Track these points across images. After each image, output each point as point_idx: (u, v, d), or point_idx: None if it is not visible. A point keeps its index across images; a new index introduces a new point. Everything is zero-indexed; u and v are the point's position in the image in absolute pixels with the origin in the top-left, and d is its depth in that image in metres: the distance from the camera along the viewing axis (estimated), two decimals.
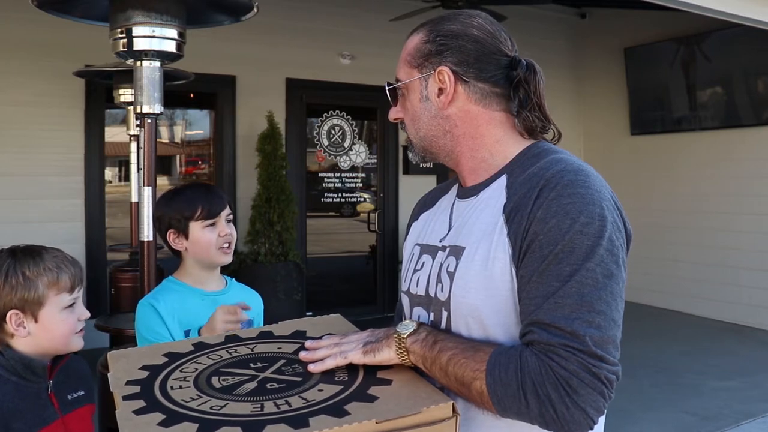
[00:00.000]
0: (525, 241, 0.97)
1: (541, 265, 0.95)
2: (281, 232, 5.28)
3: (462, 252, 1.06)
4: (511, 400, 0.92)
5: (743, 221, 6.07)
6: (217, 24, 2.29)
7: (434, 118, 1.13)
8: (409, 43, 1.16)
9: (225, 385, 1.00)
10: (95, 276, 5.01)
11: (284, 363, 1.06)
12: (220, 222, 1.75)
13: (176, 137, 6.53)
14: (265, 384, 1.00)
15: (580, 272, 0.92)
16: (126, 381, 1.03)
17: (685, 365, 4.92)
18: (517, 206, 1.01)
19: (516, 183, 1.05)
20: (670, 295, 6.65)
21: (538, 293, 0.94)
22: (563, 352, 0.90)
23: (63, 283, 1.37)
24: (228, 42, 5.28)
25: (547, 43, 7.37)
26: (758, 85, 5.94)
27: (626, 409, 3.99)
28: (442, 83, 1.10)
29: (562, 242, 0.94)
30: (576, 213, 0.95)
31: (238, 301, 1.73)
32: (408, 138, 1.19)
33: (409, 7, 5.40)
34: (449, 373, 0.97)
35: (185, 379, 1.03)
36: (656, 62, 6.67)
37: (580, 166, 1.03)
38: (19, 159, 4.79)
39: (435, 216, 1.23)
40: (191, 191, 1.81)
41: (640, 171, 6.96)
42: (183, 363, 1.09)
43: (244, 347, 1.14)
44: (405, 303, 1.21)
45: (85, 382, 1.49)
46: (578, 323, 0.91)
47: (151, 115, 2.00)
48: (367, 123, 6.65)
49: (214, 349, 1.14)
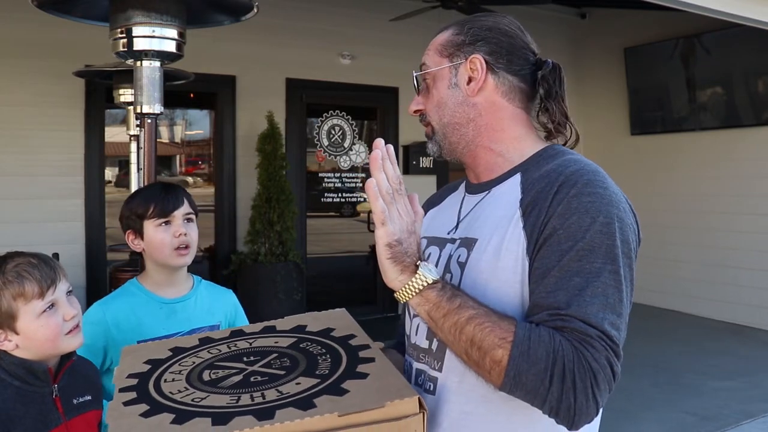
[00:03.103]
0: (542, 234, 0.99)
1: (562, 259, 0.96)
2: (281, 232, 5.28)
3: (474, 243, 1.08)
4: (533, 378, 0.91)
5: (743, 221, 6.07)
6: (217, 24, 2.29)
7: (460, 105, 1.15)
8: (440, 37, 1.19)
9: (213, 378, 1.03)
10: (95, 276, 5.02)
11: (275, 357, 1.07)
12: (175, 221, 1.66)
13: (176, 137, 6.53)
14: (250, 377, 1.02)
15: (604, 274, 0.95)
16: (128, 374, 1.06)
17: (685, 365, 4.92)
18: (535, 200, 1.02)
19: (531, 179, 1.07)
20: (670, 295, 6.65)
21: (560, 287, 0.95)
22: (599, 345, 0.92)
23: (29, 291, 1.30)
24: (228, 42, 5.28)
25: (547, 43, 7.34)
26: (758, 85, 5.94)
27: (626, 409, 3.99)
28: (473, 71, 1.13)
29: (582, 240, 0.96)
30: (596, 212, 0.97)
31: (201, 307, 1.69)
32: (429, 129, 1.19)
33: (409, 7, 5.40)
34: (465, 331, 0.95)
35: (180, 372, 1.06)
36: (656, 62, 6.67)
37: (597, 168, 1.05)
38: (19, 159, 4.79)
39: (442, 211, 1.26)
40: (148, 190, 1.74)
41: (640, 171, 6.96)
42: (184, 357, 1.11)
43: (244, 341, 1.15)
44: None
45: (92, 386, 1.45)
46: (606, 323, 0.93)
47: (151, 115, 2.00)
48: (367, 123, 6.65)
49: (216, 343, 1.16)
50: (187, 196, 1.72)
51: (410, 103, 1.22)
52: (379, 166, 0.97)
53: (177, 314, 1.68)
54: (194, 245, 1.70)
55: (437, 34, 1.20)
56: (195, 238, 1.70)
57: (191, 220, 1.70)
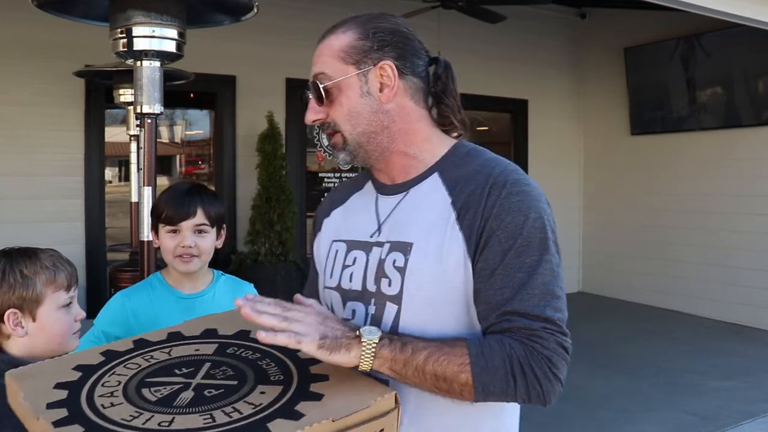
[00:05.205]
0: (482, 236, 1.06)
1: (504, 258, 1.04)
2: (281, 232, 5.28)
3: (410, 247, 1.10)
4: (499, 384, 1.00)
5: (743, 221, 6.07)
6: (217, 24, 2.29)
7: (375, 114, 1.14)
8: (336, 41, 1.15)
9: (160, 397, 0.95)
10: (95, 276, 5.02)
11: (211, 366, 1.03)
12: (183, 232, 1.66)
13: (176, 137, 6.54)
14: (202, 391, 0.96)
15: (542, 265, 1.05)
16: (47, 404, 0.94)
17: (685, 365, 4.92)
18: (468, 203, 1.08)
19: (455, 180, 1.12)
20: (670, 295, 6.65)
21: (506, 284, 1.04)
22: (544, 334, 1.02)
23: (60, 281, 1.37)
24: (228, 42, 5.28)
25: (547, 43, 7.37)
26: (758, 85, 5.93)
27: (626, 409, 3.99)
28: (384, 77, 1.13)
29: (520, 237, 1.05)
30: (526, 209, 1.06)
31: (219, 302, 1.70)
32: (338, 138, 1.16)
33: (409, 7, 5.40)
34: (426, 371, 1.01)
35: (113, 395, 0.96)
36: (656, 62, 6.67)
37: (515, 166, 1.14)
38: (19, 159, 4.78)
39: (352, 213, 1.26)
40: (170, 192, 1.73)
41: (640, 171, 6.96)
42: (102, 376, 1.01)
43: (159, 352, 1.08)
44: (333, 299, 1.22)
45: None
46: (549, 309, 1.03)
47: (151, 115, 2.00)
48: None
49: (128, 357, 1.07)
50: (205, 205, 1.69)
51: (307, 112, 1.17)
52: (256, 316, 0.97)
53: (195, 309, 1.69)
54: (204, 254, 1.69)
55: (328, 36, 1.17)
56: (205, 248, 1.69)
57: (203, 231, 1.69)
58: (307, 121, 1.18)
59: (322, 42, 1.18)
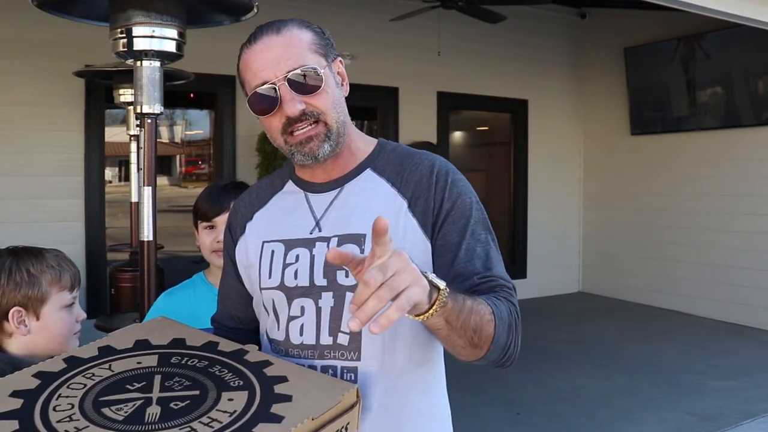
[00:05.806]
0: (438, 218, 1.15)
1: (464, 234, 1.14)
2: None
3: (363, 238, 1.13)
4: (504, 339, 1.07)
5: (743, 221, 6.07)
6: (217, 24, 2.29)
7: (343, 106, 1.20)
8: (303, 35, 1.19)
9: (126, 415, 0.90)
10: (95, 276, 5.02)
11: (162, 378, 0.99)
12: (218, 227, 1.69)
13: (176, 137, 6.53)
14: (168, 404, 0.93)
15: (489, 240, 1.17)
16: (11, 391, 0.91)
17: (685, 365, 4.92)
18: (417, 192, 1.16)
19: (395, 173, 1.19)
20: (670, 295, 6.65)
21: (471, 256, 1.13)
22: (513, 294, 1.14)
23: (65, 281, 1.39)
24: (228, 42, 5.26)
25: (547, 43, 7.37)
26: (758, 85, 5.94)
27: (626, 409, 4.00)
28: (341, 72, 1.22)
29: (471, 216, 1.16)
30: (469, 193, 1.19)
31: None
32: (321, 128, 1.15)
33: (409, 7, 5.40)
34: (470, 324, 1.02)
35: (71, 418, 0.90)
36: (656, 62, 6.67)
37: (444, 158, 1.24)
38: (19, 159, 4.79)
39: (280, 213, 1.24)
40: (210, 189, 1.77)
41: (640, 171, 6.96)
42: (59, 386, 0.97)
43: (99, 368, 1.02)
44: (275, 298, 1.19)
45: None
46: (507, 276, 1.16)
47: (151, 115, 2.00)
48: (367, 123, 6.64)
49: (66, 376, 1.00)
50: None
51: (290, 104, 1.12)
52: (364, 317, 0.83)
53: None
54: None
55: (284, 33, 1.20)
56: None
57: None
58: (293, 113, 1.12)
59: (279, 39, 1.19)
